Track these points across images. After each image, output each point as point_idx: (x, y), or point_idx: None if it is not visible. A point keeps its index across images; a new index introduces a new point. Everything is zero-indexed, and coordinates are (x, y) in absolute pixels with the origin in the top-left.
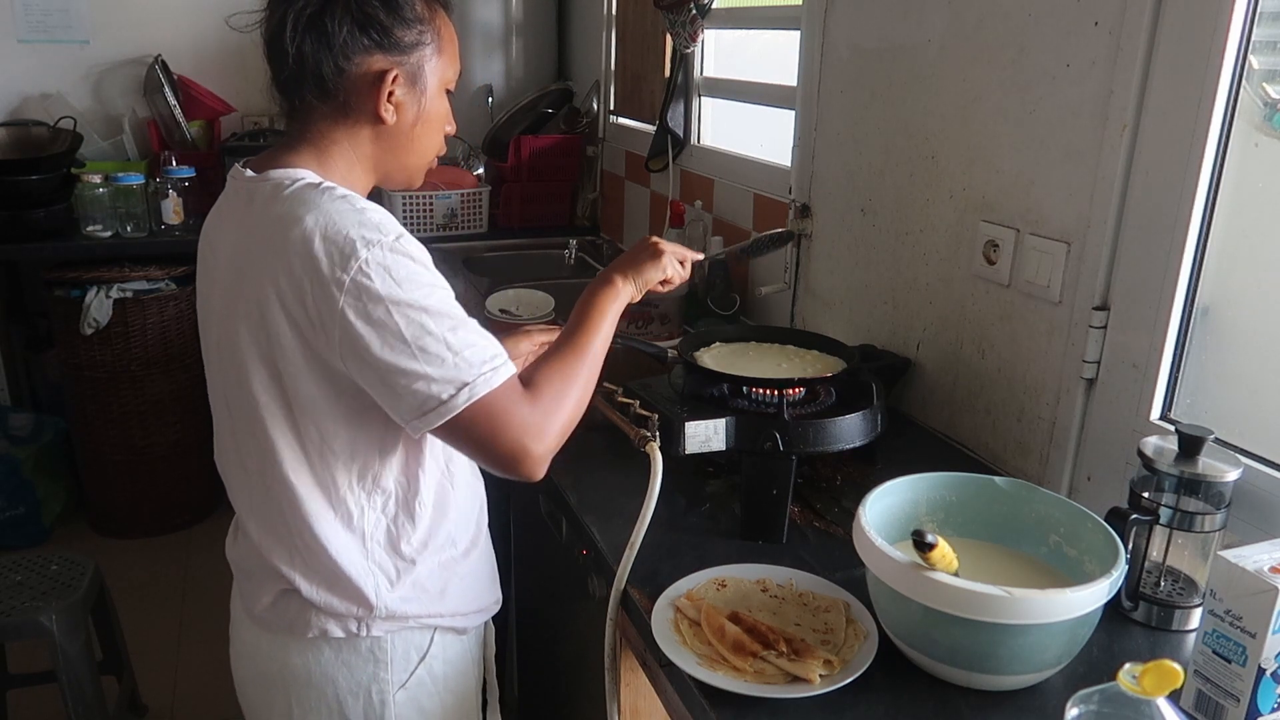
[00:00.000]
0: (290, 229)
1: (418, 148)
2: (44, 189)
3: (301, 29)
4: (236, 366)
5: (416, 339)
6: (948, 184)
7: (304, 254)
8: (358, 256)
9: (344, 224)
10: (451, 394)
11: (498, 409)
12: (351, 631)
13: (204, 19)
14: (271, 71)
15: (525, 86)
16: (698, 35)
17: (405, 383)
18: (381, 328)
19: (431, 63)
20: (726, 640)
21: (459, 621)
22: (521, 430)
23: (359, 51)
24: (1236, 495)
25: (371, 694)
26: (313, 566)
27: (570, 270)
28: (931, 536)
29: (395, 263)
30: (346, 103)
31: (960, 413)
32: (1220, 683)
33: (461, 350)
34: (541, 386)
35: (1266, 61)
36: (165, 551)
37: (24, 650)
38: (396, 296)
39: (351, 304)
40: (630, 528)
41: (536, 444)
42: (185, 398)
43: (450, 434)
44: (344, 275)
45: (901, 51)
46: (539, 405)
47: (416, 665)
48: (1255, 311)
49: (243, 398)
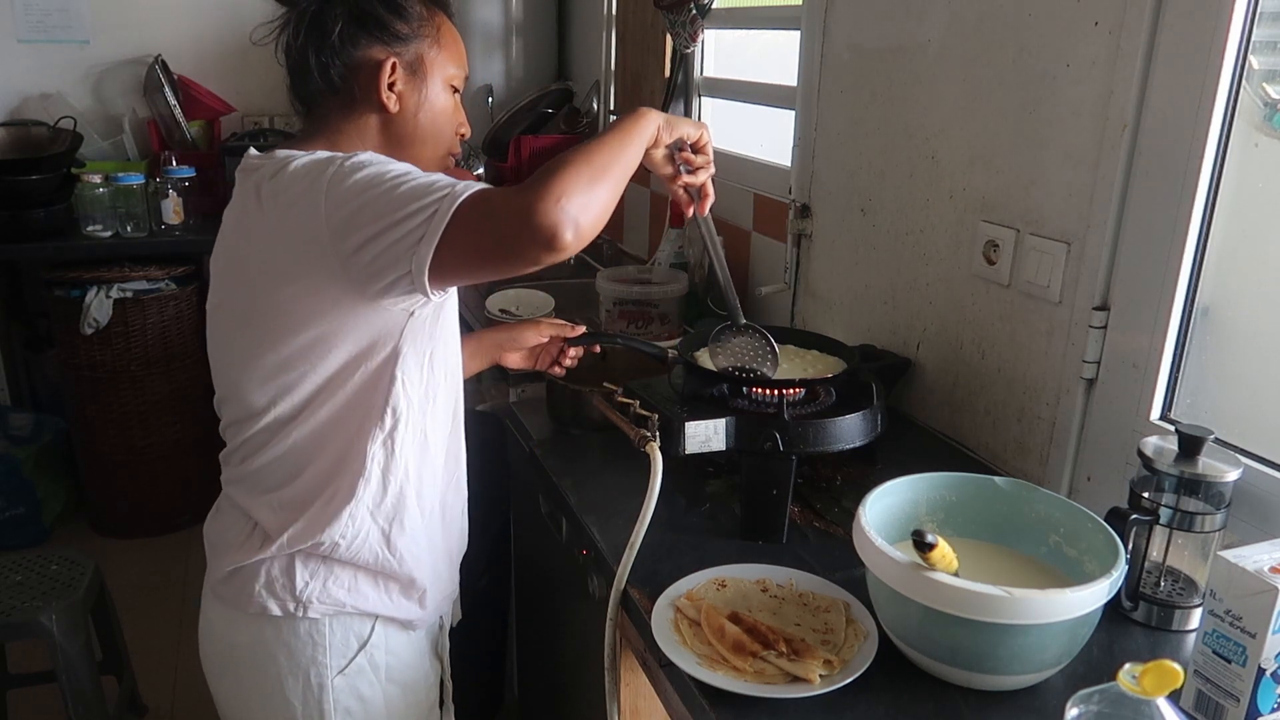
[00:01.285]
0: (286, 169)
1: (424, 138)
2: (44, 189)
3: (305, 30)
4: (226, 326)
5: (396, 189)
6: (948, 184)
7: (294, 177)
8: (336, 160)
9: (327, 153)
10: (436, 208)
11: (486, 194)
12: (289, 611)
13: (204, 19)
14: (287, 74)
15: (525, 86)
16: (698, 35)
17: (394, 224)
18: (364, 185)
19: (431, 54)
20: (726, 640)
21: (404, 613)
22: (518, 193)
23: (359, 44)
24: (1236, 495)
25: (310, 676)
26: (290, 504)
27: (570, 270)
28: (931, 536)
29: (369, 156)
30: (351, 94)
31: (960, 413)
32: (1220, 683)
33: (436, 181)
34: (536, 172)
35: (1266, 61)
36: (165, 551)
37: (24, 650)
38: (374, 162)
39: (334, 186)
40: (630, 528)
41: (540, 199)
42: (185, 398)
43: (455, 247)
44: (328, 169)
45: (901, 51)
46: (531, 180)
47: (356, 652)
48: (1255, 311)
49: (229, 345)
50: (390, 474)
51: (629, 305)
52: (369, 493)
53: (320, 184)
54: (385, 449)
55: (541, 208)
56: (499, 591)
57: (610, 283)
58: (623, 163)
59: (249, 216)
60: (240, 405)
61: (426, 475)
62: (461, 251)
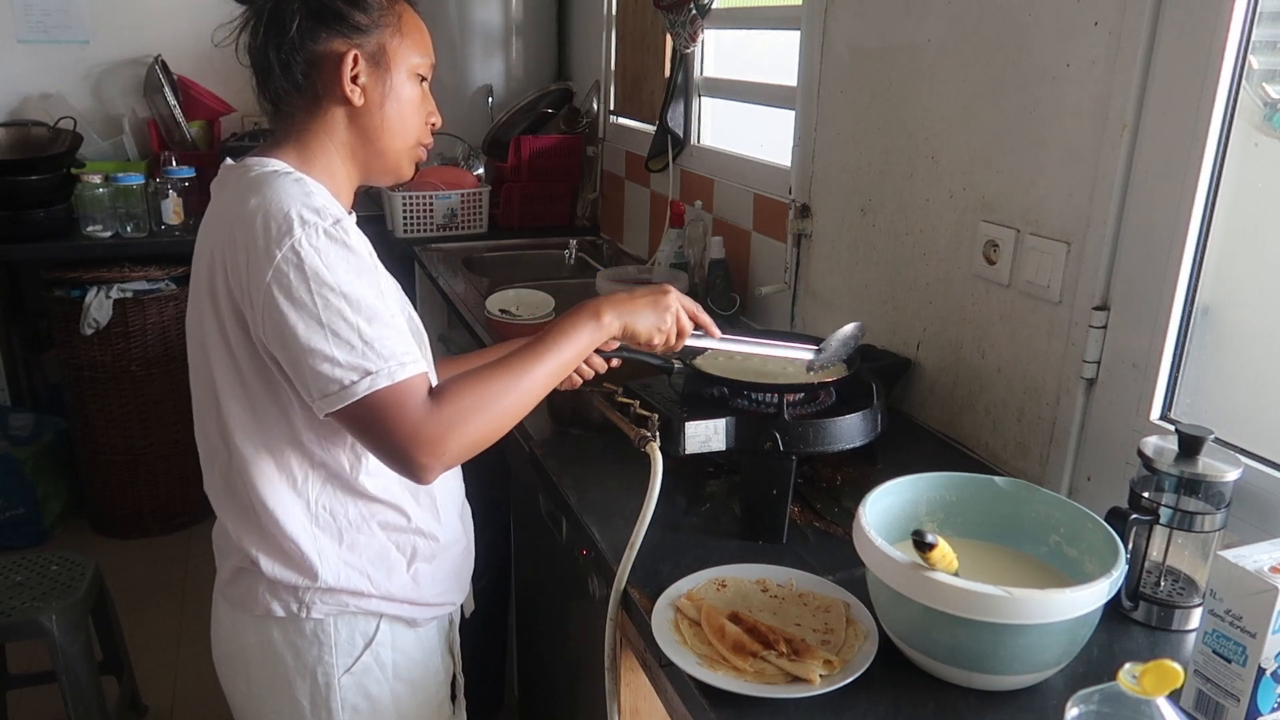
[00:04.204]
0: (241, 206)
1: (392, 130)
2: (44, 189)
3: (264, 28)
4: (198, 341)
5: (331, 322)
6: (948, 184)
7: (246, 228)
8: (292, 235)
9: (287, 203)
10: (354, 380)
11: (394, 405)
12: (292, 611)
13: (204, 19)
14: (253, 77)
15: (525, 86)
16: (698, 35)
17: (312, 363)
18: (300, 306)
19: (393, 44)
20: (727, 640)
21: (409, 611)
22: (412, 434)
23: (317, 39)
24: (1236, 495)
25: (317, 676)
26: (264, 535)
27: (570, 270)
28: (931, 536)
29: (327, 246)
30: (315, 90)
31: (960, 413)
32: (1220, 683)
33: (372, 341)
34: (450, 397)
35: (1266, 61)
36: (165, 551)
37: (24, 650)
38: (321, 277)
39: (277, 279)
40: (630, 528)
41: (424, 453)
42: (185, 398)
43: (349, 421)
44: (276, 250)
45: (901, 51)
46: (439, 414)
47: (362, 651)
48: (1255, 311)
49: (204, 369)
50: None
51: None
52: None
53: (263, 271)
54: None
55: (420, 468)
56: (499, 591)
57: (610, 283)
58: (545, 384)
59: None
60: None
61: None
62: (351, 428)
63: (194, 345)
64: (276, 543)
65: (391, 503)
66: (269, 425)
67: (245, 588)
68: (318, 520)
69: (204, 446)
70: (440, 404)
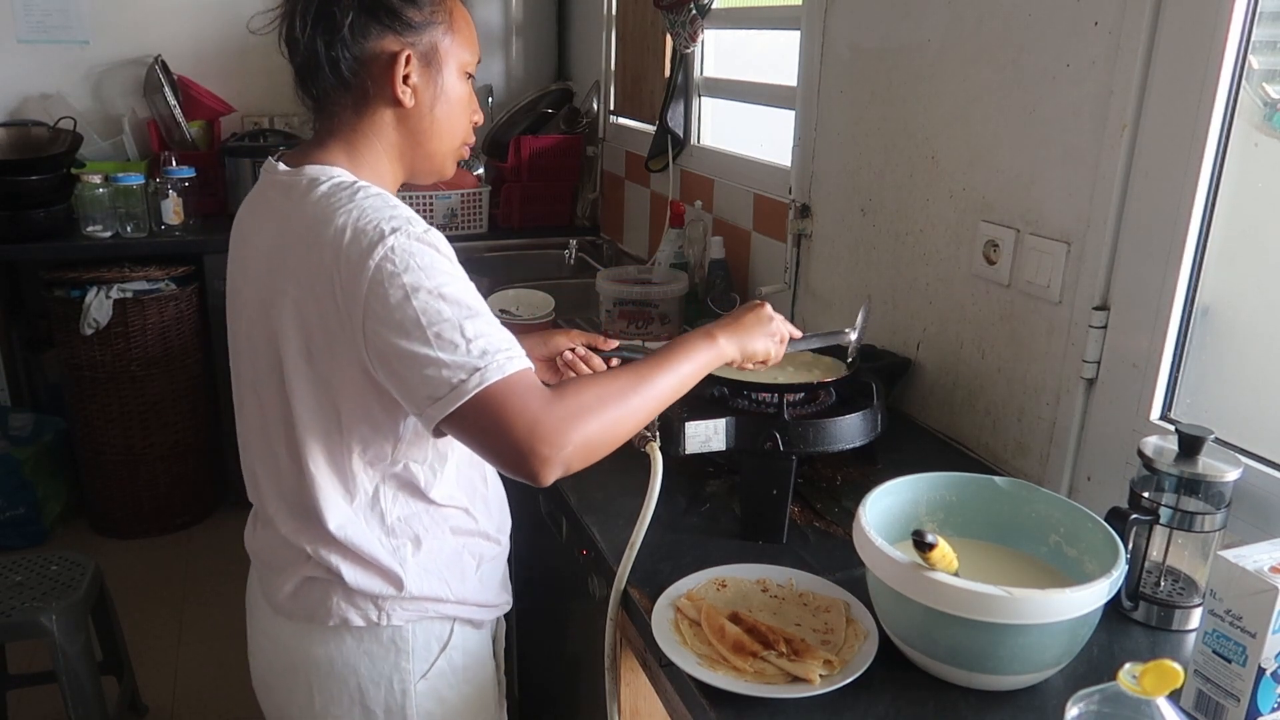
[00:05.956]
0: (326, 227)
1: (441, 131)
2: (44, 189)
3: (311, 21)
4: (268, 357)
5: (432, 325)
6: (948, 184)
7: (335, 247)
8: (385, 243)
9: (375, 216)
10: (462, 379)
11: (509, 398)
12: (372, 620)
13: (204, 19)
14: (293, 70)
15: (525, 86)
16: (698, 35)
17: (418, 368)
18: (400, 312)
19: (445, 42)
20: (727, 640)
21: (477, 613)
22: (532, 425)
23: (369, 35)
24: (1236, 495)
25: (393, 683)
26: (344, 548)
27: (570, 270)
28: (931, 536)
29: (419, 250)
30: (364, 89)
31: (960, 413)
32: (1220, 683)
33: (475, 339)
34: (570, 390)
35: (1266, 61)
36: (165, 551)
37: (24, 650)
38: (417, 282)
39: (375, 289)
40: (630, 528)
41: (544, 445)
42: (185, 398)
43: (458, 425)
44: (370, 260)
45: (901, 51)
46: (559, 406)
47: (438, 656)
48: (1255, 311)
49: (274, 387)
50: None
51: (629, 305)
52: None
53: (360, 285)
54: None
55: (541, 460)
56: None
57: (610, 283)
58: (666, 397)
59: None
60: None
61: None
62: (461, 431)
63: (260, 366)
64: (358, 554)
65: (460, 506)
66: (349, 445)
67: (316, 600)
68: (395, 530)
69: (266, 465)
70: (561, 395)
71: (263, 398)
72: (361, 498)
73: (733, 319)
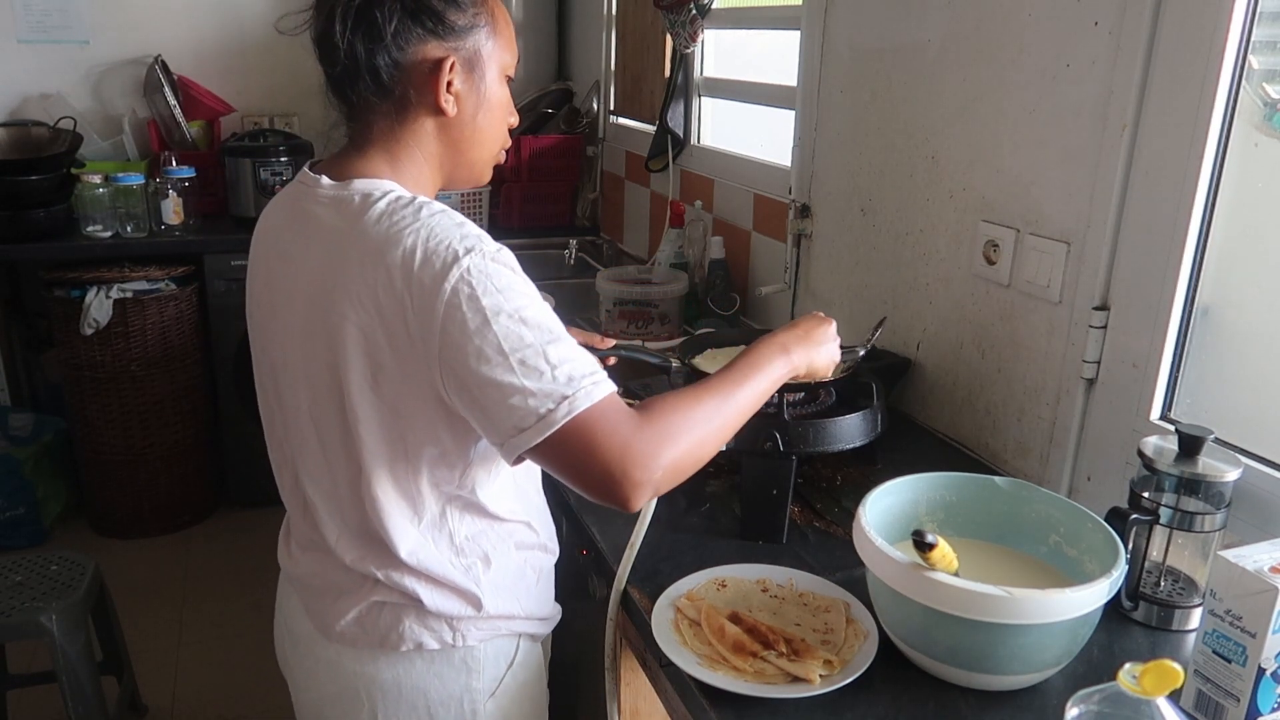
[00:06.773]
0: (393, 249)
1: (482, 139)
2: (44, 189)
3: (351, 23)
4: (329, 385)
5: (515, 351)
6: (948, 184)
7: (406, 270)
8: (460, 265)
9: (445, 236)
10: (550, 408)
11: (598, 425)
12: (447, 642)
13: (204, 19)
14: (324, 72)
15: (525, 86)
16: (698, 35)
17: (501, 398)
18: (480, 338)
19: (488, 47)
20: (726, 640)
21: (540, 627)
22: (623, 450)
23: (412, 41)
24: (1236, 495)
25: (463, 704)
26: (417, 573)
27: (570, 270)
28: (931, 536)
29: (496, 272)
30: (405, 97)
31: (960, 413)
32: (1220, 683)
33: (560, 364)
34: (657, 412)
35: (1266, 61)
36: (165, 551)
37: (24, 650)
38: (496, 306)
39: (451, 315)
40: (630, 528)
41: (637, 469)
42: (185, 398)
43: (546, 454)
44: (445, 284)
45: (901, 51)
46: (648, 429)
47: (504, 673)
48: (1255, 311)
49: (335, 414)
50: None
51: (629, 305)
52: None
53: (435, 309)
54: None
55: (633, 484)
56: None
57: (610, 283)
58: (746, 410)
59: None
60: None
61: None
62: (548, 460)
63: (319, 394)
64: (432, 577)
65: (522, 520)
66: (417, 469)
67: (386, 624)
68: (465, 550)
69: (325, 492)
70: (649, 418)
71: (322, 426)
72: (429, 519)
73: (804, 332)
